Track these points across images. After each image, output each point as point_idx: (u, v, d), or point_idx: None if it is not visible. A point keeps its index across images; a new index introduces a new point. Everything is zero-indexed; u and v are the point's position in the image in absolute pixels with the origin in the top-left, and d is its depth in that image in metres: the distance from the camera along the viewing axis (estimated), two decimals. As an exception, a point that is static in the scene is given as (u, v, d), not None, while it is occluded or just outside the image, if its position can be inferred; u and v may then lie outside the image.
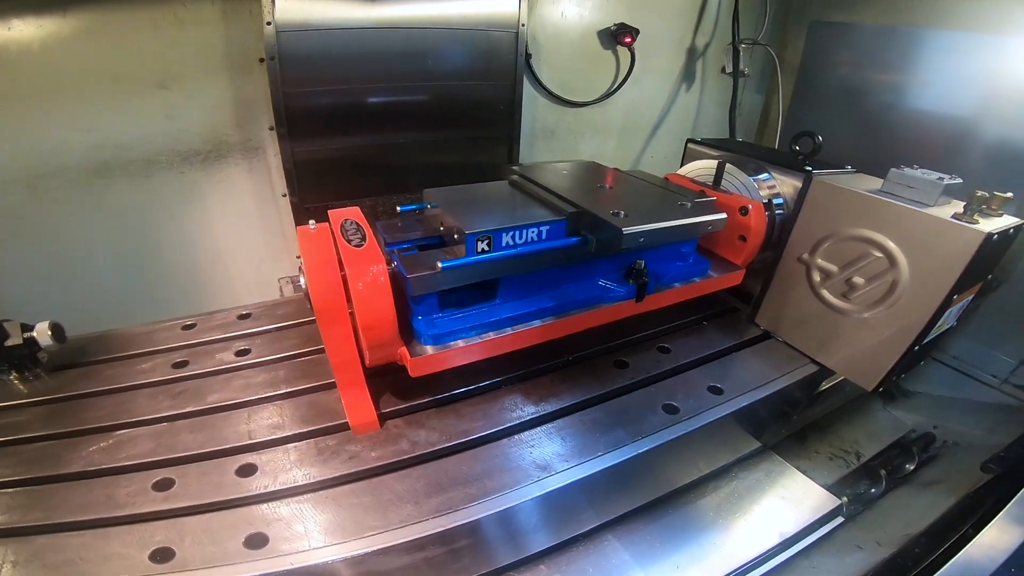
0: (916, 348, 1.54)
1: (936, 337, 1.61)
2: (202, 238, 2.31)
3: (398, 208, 1.57)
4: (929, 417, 2.47)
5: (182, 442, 1.38)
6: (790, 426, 2.08)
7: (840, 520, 1.74)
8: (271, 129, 2.14)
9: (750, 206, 1.78)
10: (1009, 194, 1.48)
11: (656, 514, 1.68)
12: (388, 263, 1.32)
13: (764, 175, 1.93)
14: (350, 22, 2.00)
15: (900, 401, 2.59)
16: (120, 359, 1.73)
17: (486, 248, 1.35)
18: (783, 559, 1.62)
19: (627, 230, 1.33)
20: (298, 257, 1.36)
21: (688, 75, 3.07)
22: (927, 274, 1.50)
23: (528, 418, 1.49)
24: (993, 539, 1.39)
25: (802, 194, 1.74)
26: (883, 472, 2.13)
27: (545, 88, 2.63)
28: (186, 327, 1.87)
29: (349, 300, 1.25)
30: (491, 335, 1.45)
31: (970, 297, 1.61)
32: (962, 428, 2.38)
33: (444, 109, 2.32)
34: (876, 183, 1.65)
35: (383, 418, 1.46)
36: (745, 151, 2.09)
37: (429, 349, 1.39)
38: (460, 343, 1.41)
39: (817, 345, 1.81)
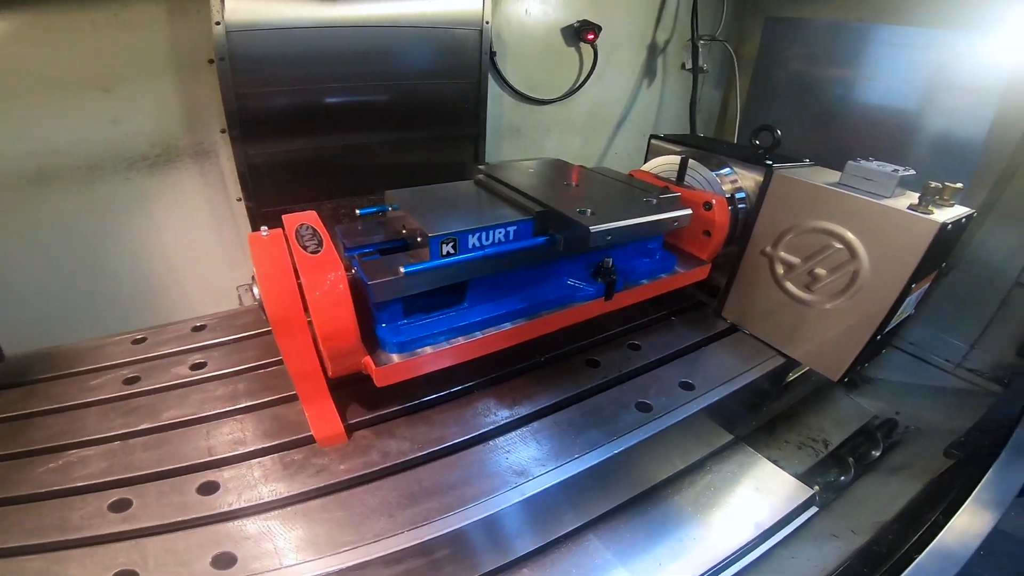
0: (878, 338, 1.58)
1: (897, 325, 1.65)
2: (153, 247, 2.19)
3: (357, 211, 1.51)
4: (890, 403, 2.54)
5: (137, 461, 1.32)
6: (760, 417, 2.11)
7: (814, 510, 1.76)
8: (223, 132, 2.04)
9: (714, 201, 1.79)
10: (959, 184, 1.53)
11: (636, 512, 1.68)
12: (348, 269, 1.27)
13: (726, 170, 1.95)
14: (305, 21, 1.93)
15: (862, 388, 2.66)
16: (67, 376, 1.63)
17: (451, 251, 1.31)
18: (763, 551, 1.64)
19: (594, 228, 1.32)
20: (258, 265, 1.29)
21: (649, 71, 3.09)
22: (886, 264, 1.53)
23: (502, 423, 1.46)
24: (965, 525, 1.43)
25: (763, 188, 1.76)
26: (851, 460, 2.18)
27: (510, 86, 2.60)
28: (136, 341, 1.77)
29: (307, 310, 1.19)
30: (460, 340, 1.42)
31: (927, 285, 1.66)
32: (922, 413, 2.46)
33: (407, 108, 2.26)
34: (834, 176, 1.68)
35: (350, 429, 1.41)
36: (707, 146, 2.11)
37: (395, 357, 1.34)
38: (428, 350, 1.38)
39: (783, 337, 1.84)
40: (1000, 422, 1.73)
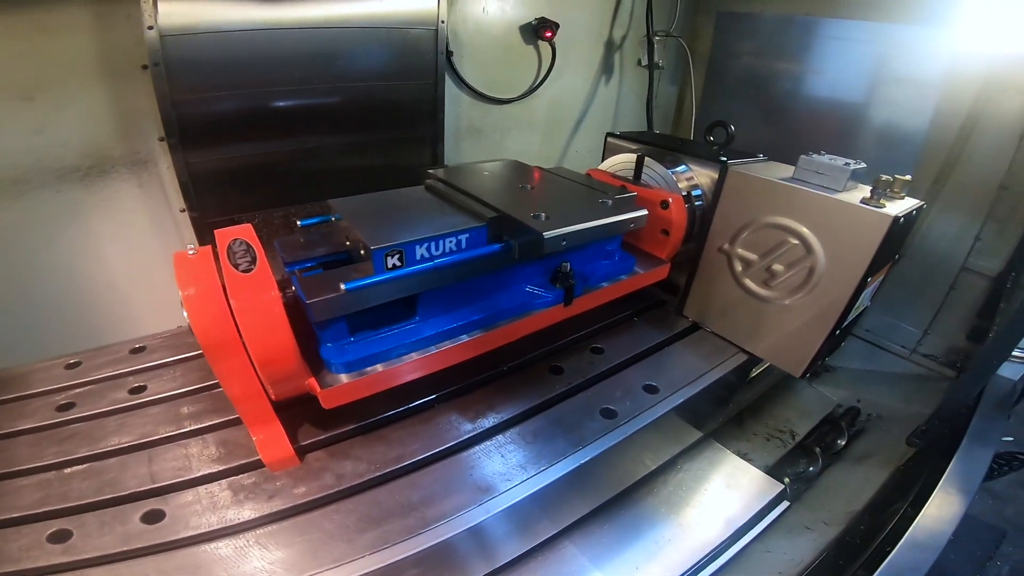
0: (837, 332, 1.60)
1: (856, 317, 1.67)
2: (89, 263, 2.05)
3: (298, 222, 1.43)
4: (852, 391, 2.60)
5: (75, 490, 1.24)
6: (728, 412, 2.11)
7: (786, 504, 1.77)
8: (161, 140, 1.93)
9: (670, 199, 1.78)
10: (908, 176, 1.54)
11: (610, 515, 1.66)
12: (286, 287, 1.19)
13: (682, 167, 1.94)
14: (247, 23, 1.83)
15: (823, 377, 2.71)
16: (-5, 404, 1.50)
17: (398, 263, 1.25)
18: (738, 548, 1.63)
19: (548, 234, 1.27)
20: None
21: (607, 68, 3.09)
22: (841, 258, 1.53)
23: (465, 437, 1.40)
24: (935, 514, 1.47)
25: (719, 184, 1.75)
26: (818, 450, 2.21)
27: (469, 86, 2.55)
28: (70, 366, 1.65)
29: (240, 332, 1.11)
30: (413, 356, 1.36)
31: (882, 277, 1.68)
32: (882, 400, 2.52)
33: (360, 111, 2.18)
34: (788, 171, 1.69)
35: (302, 451, 1.34)
36: (663, 143, 2.09)
37: (342, 378, 1.27)
38: (378, 368, 1.31)
39: (744, 334, 1.84)
40: (957, 410, 1.77)
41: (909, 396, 2.52)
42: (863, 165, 1.57)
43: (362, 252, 1.26)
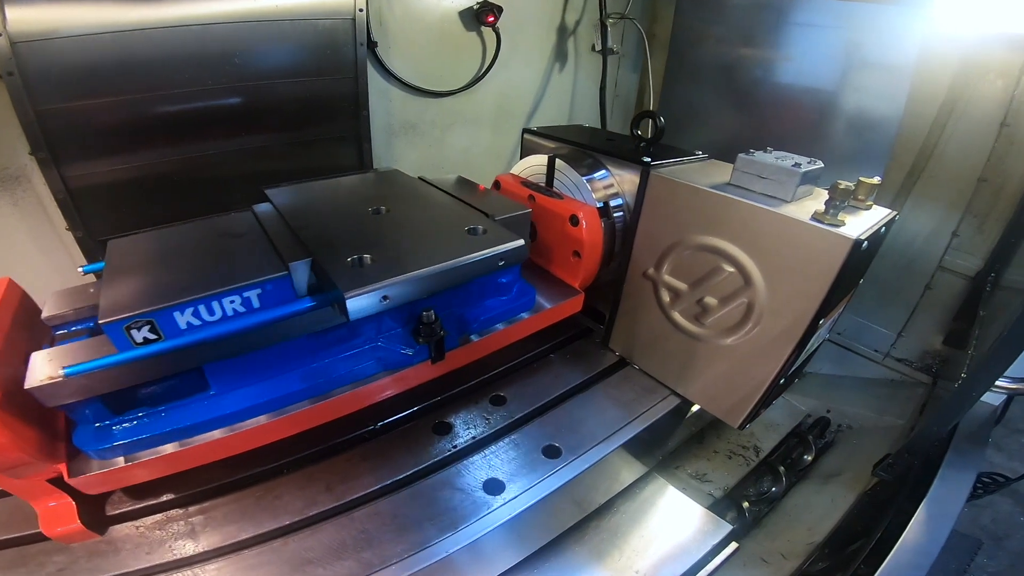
0: (783, 381, 1.33)
1: (809, 357, 1.46)
2: (-36, 292, 1.82)
3: (80, 269, 1.21)
4: (821, 400, 2.43)
5: None
6: (666, 449, 1.90)
7: (734, 547, 1.59)
8: (31, 155, 1.69)
9: (580, 214, 1.48)
10: (876, 179, 1.28)
11: (533, 566, 1.45)
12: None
13: (601, 172, 1.60)
14: (117, 25, 1.61)
15: (793, 384, 2.54)
16: None
17: (151, 336, 0.96)
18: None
19: (354, 296, 0.94)
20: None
21: (560, 55, 2.85)
22: (788, 293, 1.22)
23: (304, 516, 1.15)
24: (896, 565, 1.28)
25: (640, 192, 1.45)
26: (782, 468, 2.05)
27: (398, 78, 2.31)
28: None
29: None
30: (204, 439, 1.08)
31: (841, 309, 1.42)
32: (854, 410, 2.36)
33: (267, 111, 1.95)
34: (728, 173, 1.38)
35: (104, 523, 1.12)
36: (586, 141, 1.72)
37: (97, 466, 1.02)
38: (161, 450, 1.05)
39: (675, 374, 1.56)
40: (928, 444, 1.58)
41: (882, 405, 2.36)
42: (819, 165, 1.27)
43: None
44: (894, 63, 2.17)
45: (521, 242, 1.17)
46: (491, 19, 2.42)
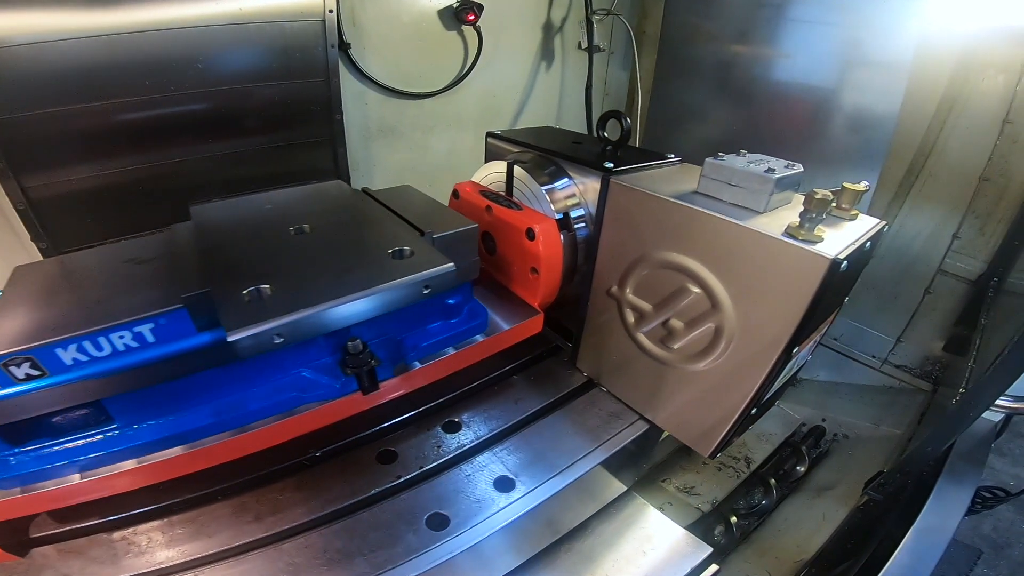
0: (754, 411, 1.21)
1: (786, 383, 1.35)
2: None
3: None
4: (817, 408, 2.35)
5: None
6: (641, 470, 1.81)
7: (715, 569, 1.51)
8: (-12, 164, 1.65)
9: (537, 227, 1.36)
10: (863, 184, 1.14)
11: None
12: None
13: (563, 179, 1.48)
14: (75, 32, 1.56)
15: (788, 391, 2.45)
16: None
17: (33, 373, 0.91)
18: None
19: (237, 336, 0.83)
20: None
21: (546, 54, 2.77)
22: (759, 318, 1.09)
23: (231, 546, 1.08)
24: None
25: (602, 202, 1.32)
26: (773, 481, 1.97)
27: (373, 80, 2.24)
28: None
29: None
30: (107, 471, 1.03)
31: (825, 330, 1.31)
32: (849, 419, 2.27)
33: (235, 116, 1.90)
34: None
35: (27, 545, 1.06)
36: (549, 145, 1.59)
37: None
38: (52, 483, 1.00)
39: (643, 399, 1.44)
40: (922, 464, 1.49)
41: (879, 414, 2.27)
42: (798, 169, 1.13)
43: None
44: (891, 59, 2.08)
45: (450, 266, 1.03)
46: (471, 17, 2.35)
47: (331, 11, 1.93)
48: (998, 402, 1.46)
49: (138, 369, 0.96)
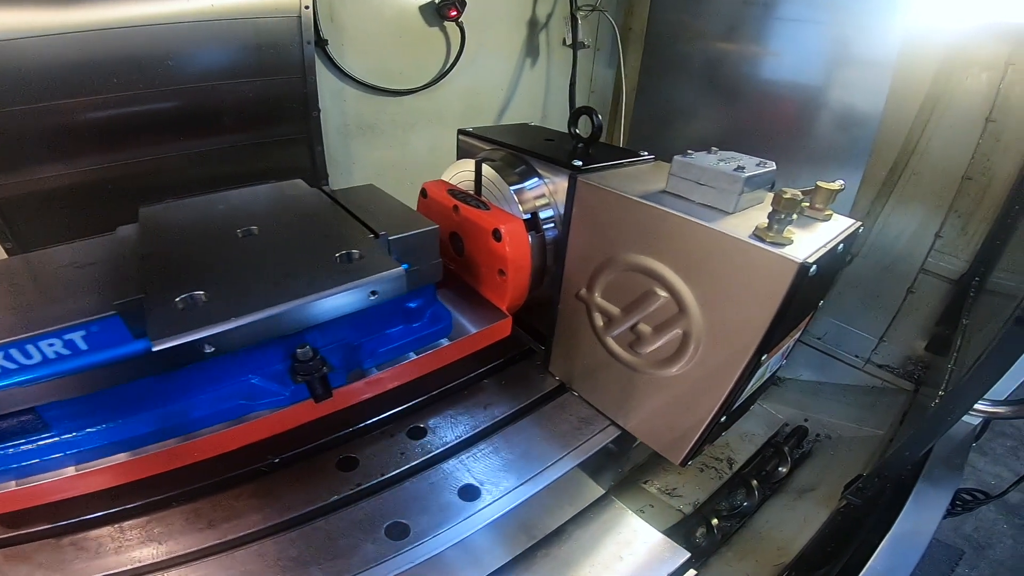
0: (724, 418, 1.18)
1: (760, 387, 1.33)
2: None
3: None
4: (799, 408, 2.34)
5: None
6: (621, 474, 1.80)
7: (693, 574, 1.50)
8: (-47, 162, 1.61)
9: (503, 228, 1.32)
10: (838, 183, 1.10)
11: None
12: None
13: (532, 178, 1.44)
14: (42, 29, 1.52)
15: (771, 391, 2.45)
16: None
17: None
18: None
19: (162, 346, 0.80)
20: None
21: (531, 50, 2.74)
22: (727, 326, 1.05)
23: (181, 553, 1.04)
24: None
25: (569, 202, 1.28)
26: (755, 483, 1.96)
27: (352, 77, 2.21)
28: None
29: None
30: (45, 478, 1.01)
31: (799, 334, 1.28)
32: (832, 419, 2.27)
33: (208, 114, 1.86)
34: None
35: None
36: (518, 142, 1.54)
37: None
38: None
39: (614, 404, 1.41)
40: (900, 469, 1.48)
41: (861, 414, 2.27)
42: (771, 167, 1.09)
43: None
44: (876, 57, 2.06)
45: (399, 271, 0.99)
46: (454, 13, 2.31)
47: (307, 7, 1.90)
48: (976, 406, 1.45)
49: (72, 377, 0.93)
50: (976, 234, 2.06)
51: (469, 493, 1.19)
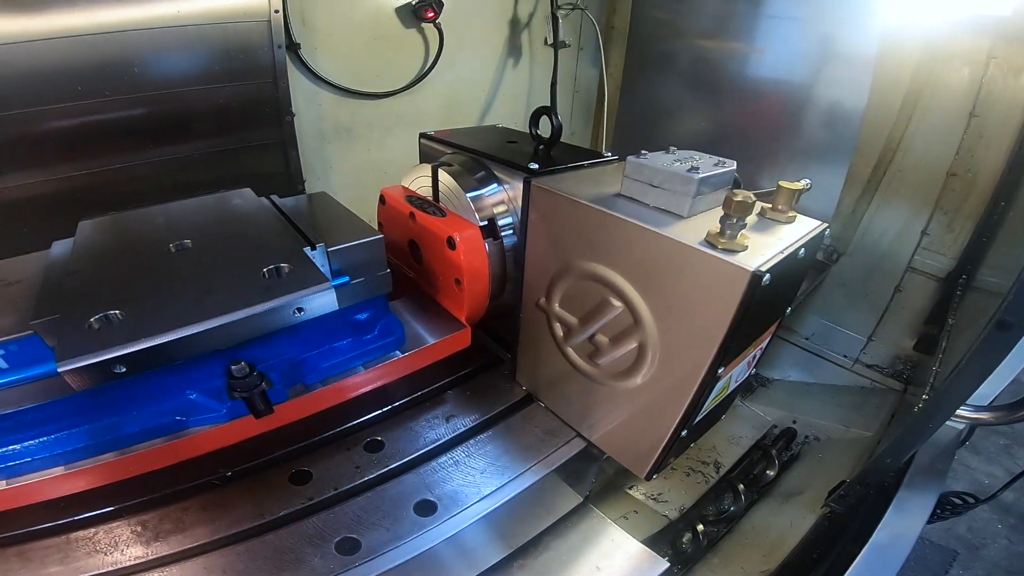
0: (685, 432, 1.13)
1: (731, 395, 1.29)
2: None
3: None
4: (788, 409, 2.31)
5: None
6: (601, 481, 1.76)
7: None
8: (-87, 172, 1.59)
9: (457, 236, 1.27)
10: (803, 182, 1.05)
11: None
12: None
13: (491, 186, 1.38)
14: (2, 37, 1.49)
15: (759, 392, 2.42)
16: None
17: None
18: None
19: (67, 367, 0.77)
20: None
21: (513, 50, 2.70)
22: (681, 338, 1.00)
23: (123, 566, 1.02)
24: None
25: (525, 207, 1.23)
26: (742, 487, 1.93)
27: (326, 81, 2.18)
28: None
29: None
30: None
31: (766, 342, 1.22)
32: (821, 421, 2.23)
33: (178, 121, 1.82)
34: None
35: None
36: (479, 145, 1.50)
37: None
38: None
39: (579, 415, 1.37)
40: (883, 475, 1.44)
41: (850, 415, 2.23)
42: (730, 167, 1.04)
43: None
44: (858, 52, 2.02)
45: (327, 286, 0.96)
46: (431, 15, 2.28)
47: (277, 11, 1.87)
48: (959, 412, 1.41)
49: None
50: (962, 231, 2.03)
51: (425, 508, 1.16)
